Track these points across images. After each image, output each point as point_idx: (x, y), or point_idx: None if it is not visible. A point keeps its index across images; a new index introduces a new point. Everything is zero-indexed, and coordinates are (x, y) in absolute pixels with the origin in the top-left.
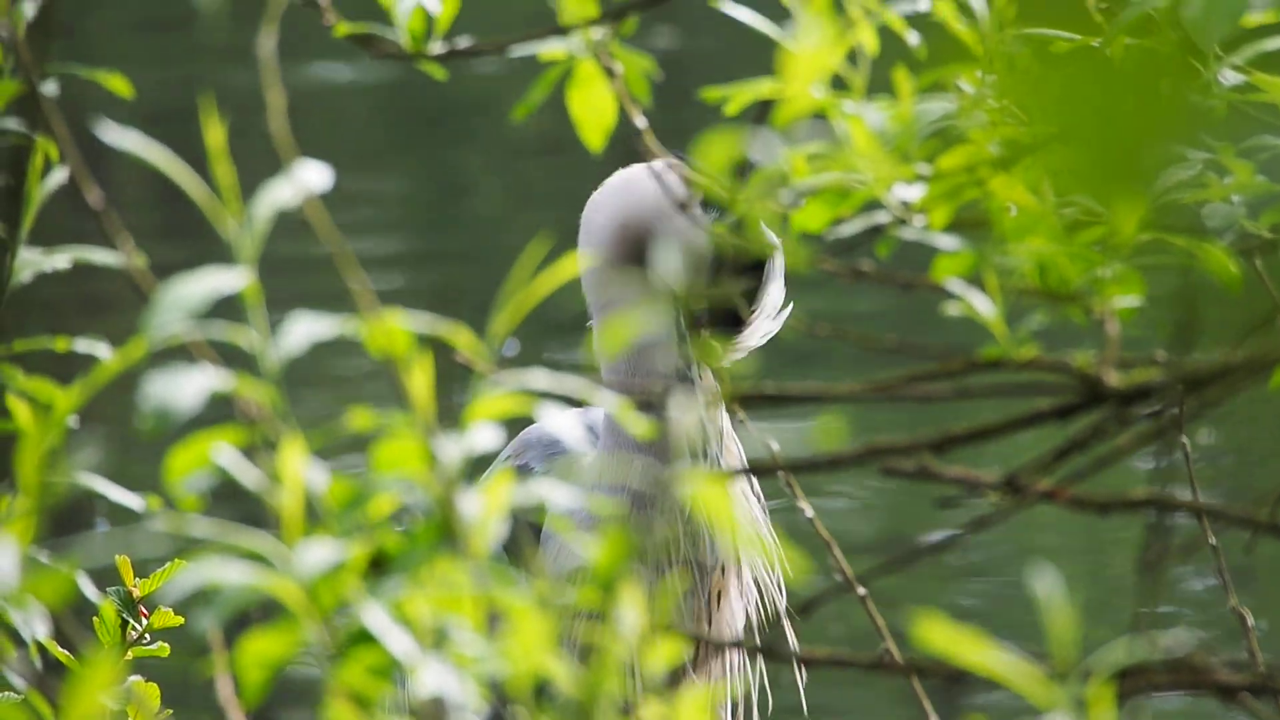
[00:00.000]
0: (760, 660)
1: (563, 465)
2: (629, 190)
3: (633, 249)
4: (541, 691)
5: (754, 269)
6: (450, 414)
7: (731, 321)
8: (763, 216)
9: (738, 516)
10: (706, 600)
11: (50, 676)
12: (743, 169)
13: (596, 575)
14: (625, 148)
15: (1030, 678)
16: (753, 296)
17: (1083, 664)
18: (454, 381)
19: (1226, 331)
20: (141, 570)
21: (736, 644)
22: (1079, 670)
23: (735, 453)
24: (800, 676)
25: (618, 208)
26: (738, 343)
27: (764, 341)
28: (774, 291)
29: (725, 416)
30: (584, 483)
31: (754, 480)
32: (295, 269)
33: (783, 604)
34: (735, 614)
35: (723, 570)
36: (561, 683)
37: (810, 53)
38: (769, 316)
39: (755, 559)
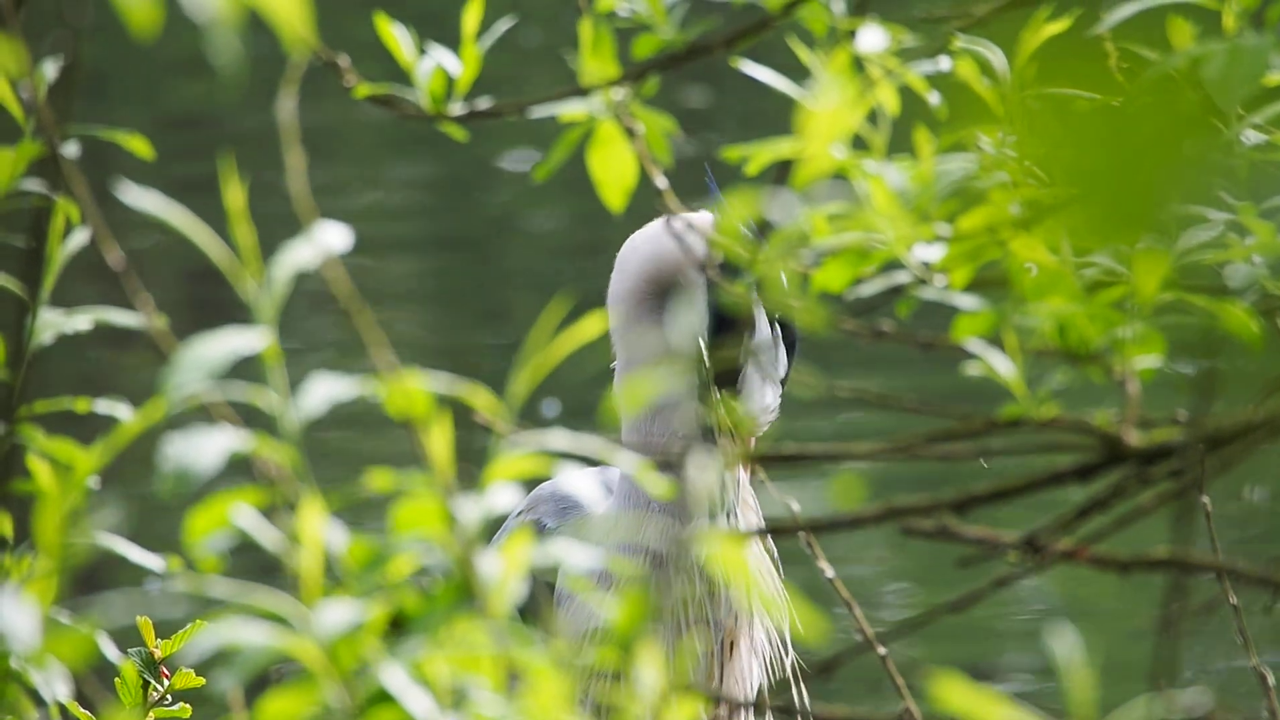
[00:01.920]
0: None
1: (576, 522)
2: (658, 245)
3: (658, 305)
4: None
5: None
6: (469, 473)
7: (739, 381)
8: (782, 276)
9: (754, 574)
10: (720, 651)
11: None
12: (763, 229)
13: (615, 635)
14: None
15: None
16: (742, 353)
17: None
18: (474, 436)
19: (1247, 391)
20: (162, 631)
21: (753, 704)
22: None
23: (753, 511)
24: None
25: (647, 262)
26: (746, 403)
27: (775, 407)
28: (779, 358)
29: (743, 476)
30: (599, 541)
31: (770, 541)
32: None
33: (791, 663)
34: (750, 671)
35: (735, 621)
36: None
37: (829, 112)
38: (774, 382)
39: (769, 617)
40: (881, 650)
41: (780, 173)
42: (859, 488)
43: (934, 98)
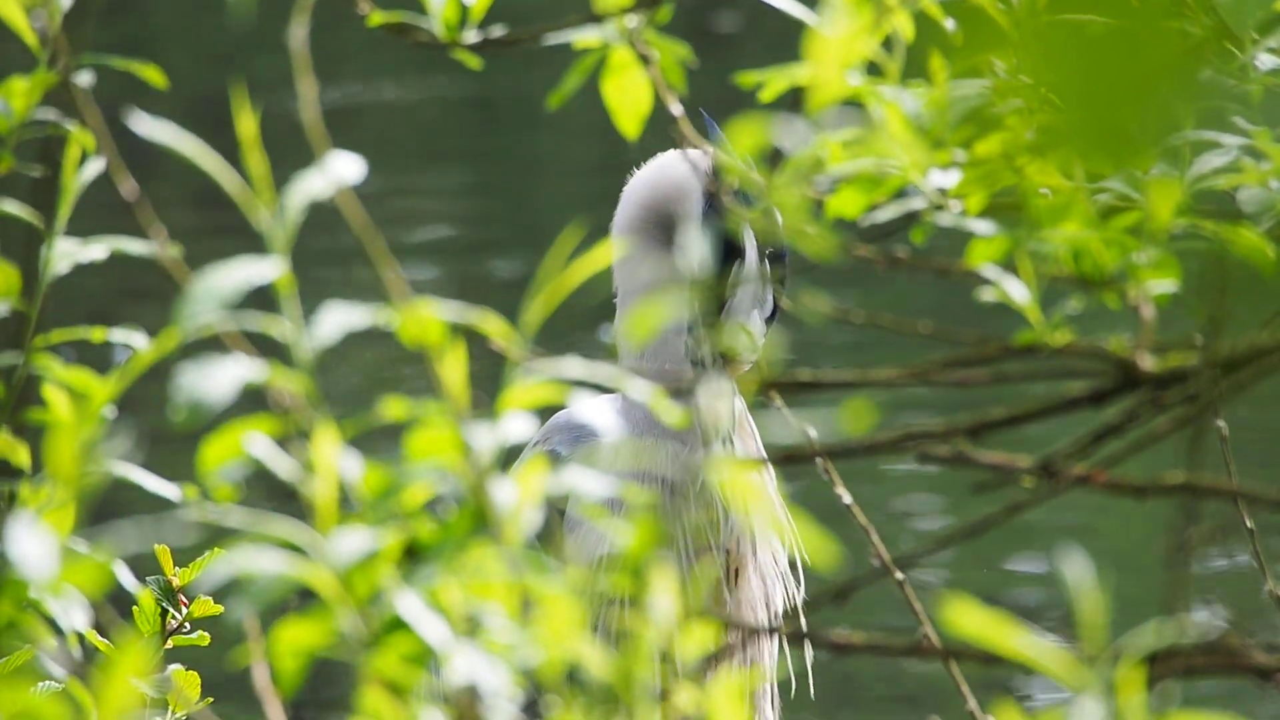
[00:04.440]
0: (804, 644)
1: (589, 450)
2: (660, 176)
3: (663, 234)
4: (575, 678)
5: (775, 257)
6: (484, 401)
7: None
8: (775, 209)
9: (763, 500)
10: (727, 577)
11: (90, 666)
12: (774, 156)
13: (627, 561)
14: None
15: (1062, 661)
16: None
17: (1115, 647)
18: (490, 367)
19: (1261, 314)
20: (178, 559)
21: (772, 630)
22: (1111, 654)
23: (751, 438)
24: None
25: (648, 193)
26: (736, 331)
27: (762, 336)
28: (767, 287)
29: (740, 403)
30: (610, 468)
31: (771, 468)
32: (333, 259)
33: (802, 588)
34: (759, 596)
35: (739, 546)
36: (594, 669)
37: (839, 37)
38: (762, 310)
39: (778, 542)
40: (899, 575)
41: (795, 99)
42: (870, 413)
43: (949, 23)
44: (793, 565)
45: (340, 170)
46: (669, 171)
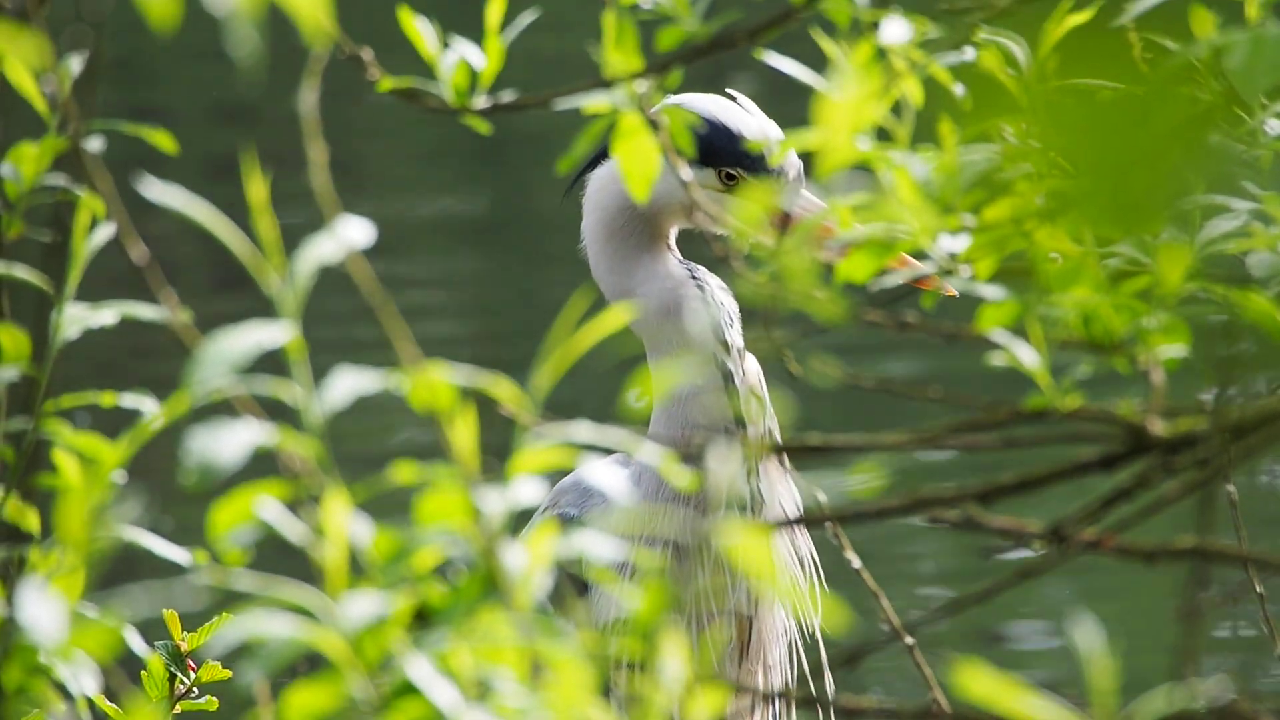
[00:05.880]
0: (821, 711)
1: (599, 514)
2: (599, 183)
3: (627, 238)
4: None
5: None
6: (493, 465)
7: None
8: (805, 266)
9: (775, 566)
10: (737, 642)
11: None
12: (785, 220)
13: (637, 625)
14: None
15: None
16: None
17: (1125, 711)
18: (499, 429)
19: (1270, 379)
20: (187, 624)
21: (781, 694)
22: (1122, 718)
23: (789, 501)
24: None
25: (596, 199)
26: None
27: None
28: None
29: (773, 467)
30: (619, 532)
31: (805, 532)
32: (342, 320)
33: (816, 653)
34: (772, 663)
35: (755, 612)
36: None
37: (848, 102)
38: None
39: (790, 607)
40: (909, 640)
41: (806, 163)
42: (879, 474)
43: (958, 89)
44: (804, 629)
45: (350, 234)
46: (610, 171)
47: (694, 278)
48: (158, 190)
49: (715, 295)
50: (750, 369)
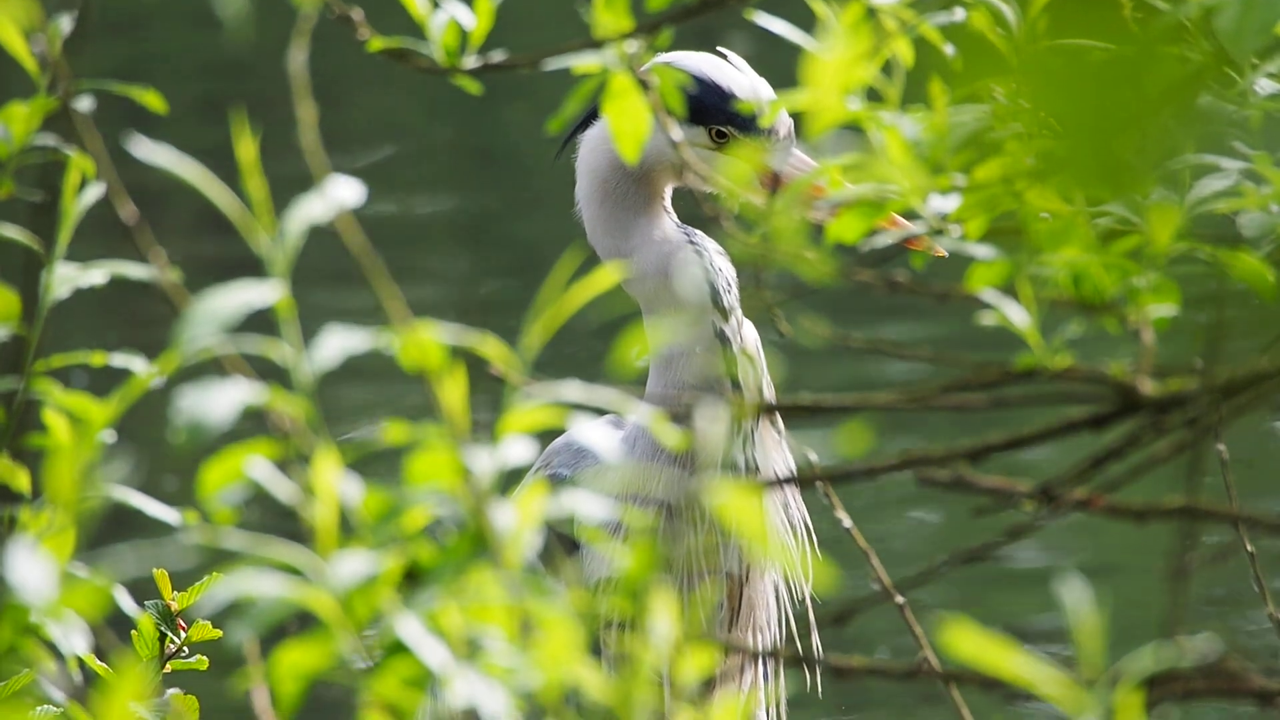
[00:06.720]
0: (808, 670)
1: (591, 474)
2: (591, 144)
3: (621, 195)
4: (574, 701)
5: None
6: (484, 426)
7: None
8: (795, 227)
9: (765, 525)
10: (727, 602)
11: (89, 690)
12: (775, 180)
13: (626, 584)
14: None
15: (1060, 684)
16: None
17: (1113, 670)
18: (489, 391)
19: (1260, 338)
20: (178, 583)
21: (771, 653)
22: (1110, 677)
23: (781, 461)
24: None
25: (586, 160)
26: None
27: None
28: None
29: (770, 426)
30: (611, 491)
31: (797, 491)
32: (334, 281)
33: (807, 613)
34: (762, 622)
35: (746, 575)
36: (593, 692)
37: (836, 62)
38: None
39: (781, 567)
40: (899, 599)
41: (796, 124)
42: (867, 435)
43: (948, 49)
44: (794, 589)
45: (340, 192)
46: (599, 131)
47: (691, 242)
48: (147, 149)
49: (713, 260)
50: (748, 335)
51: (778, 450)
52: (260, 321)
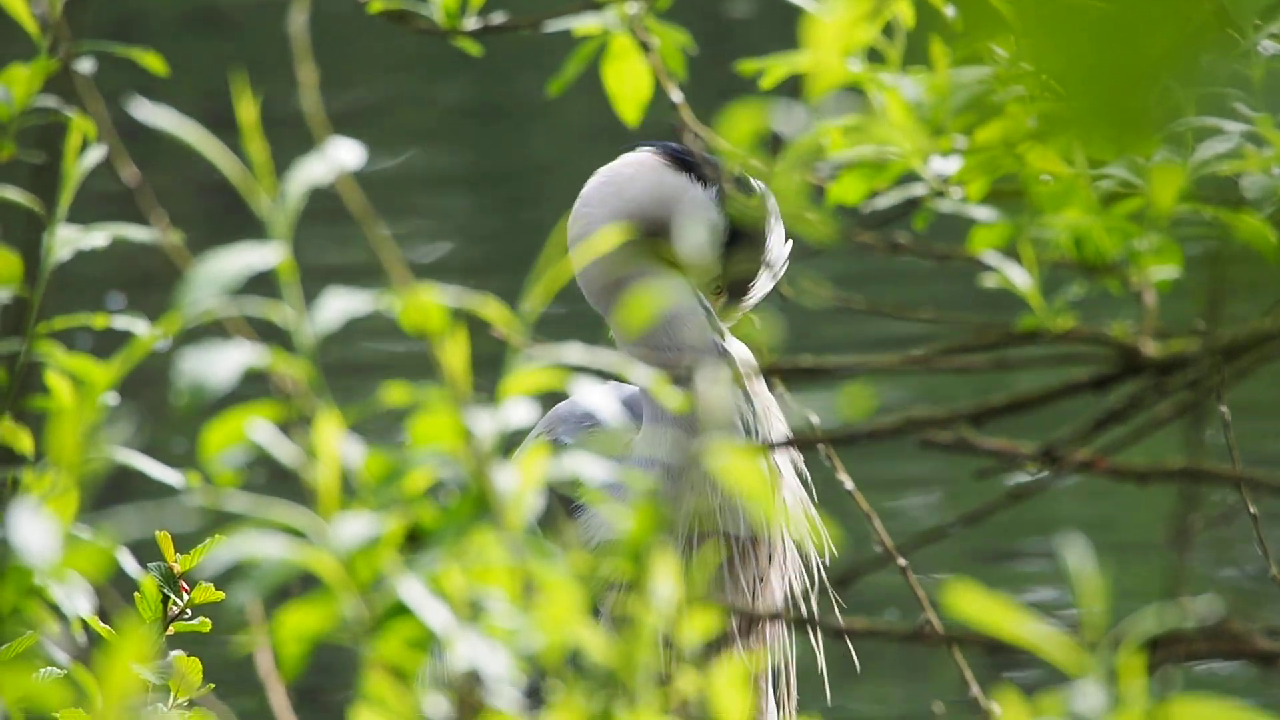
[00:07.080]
0: (812, 632)
1: (594, 439)
2: (627, 179)
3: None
4: (576, 663)
5: (754, 238)
6: (486, 388)
7: (739, 291)
8: (796, 188)
9: (771, 489)
10: (729, 564)
11: (92, 652)
12: (776, 142)
13: (628, 547)
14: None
15: (1063, 646)
16: (754, 263)
17: (1116, 632)
18: (492, 354)
19: (1263, 300)
20: (180, 545)
21: (776, 615)
22: (1112, 639)
23: (778, 425)
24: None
25: (616, 196)
26: (744, 307)
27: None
28: (776, 248)
29: (767, 389)
30: (617, 456)
31: (797, 455)
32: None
33: (819, 577)
34: (769, 584)
35: (751, 534)
36: (595, 654)
37: (836, 23)
38: (771, 274)
39: (791, 532)
40: (902, 562)
41: (797, 85)
42: (868, 396)
43: (949, 10)
44: (805, 552)
45: (341, 155)
46: (661, 176)
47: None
48: (148, 111)
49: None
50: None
51: (778, 413)
52: (261, 283)
